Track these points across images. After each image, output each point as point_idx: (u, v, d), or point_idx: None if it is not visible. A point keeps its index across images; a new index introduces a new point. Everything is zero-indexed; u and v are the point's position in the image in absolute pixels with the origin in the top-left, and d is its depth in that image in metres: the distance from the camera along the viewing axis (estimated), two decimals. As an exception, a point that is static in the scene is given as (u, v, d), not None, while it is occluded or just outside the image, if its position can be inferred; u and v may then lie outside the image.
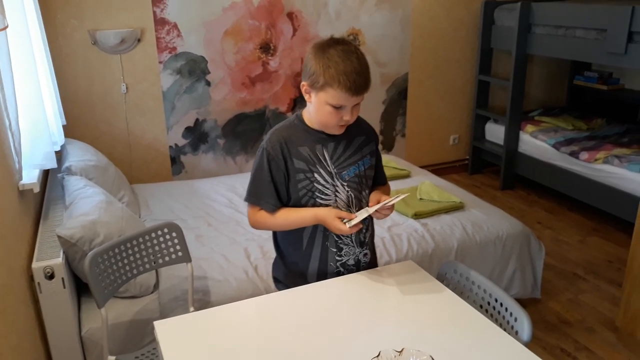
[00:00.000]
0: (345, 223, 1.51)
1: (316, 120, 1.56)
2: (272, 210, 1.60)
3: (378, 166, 1.73)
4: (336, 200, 1.60)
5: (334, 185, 1.59)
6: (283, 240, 1.70)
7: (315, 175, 1.58)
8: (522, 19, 3.95)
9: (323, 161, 1.58)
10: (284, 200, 1.61)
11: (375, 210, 1.55)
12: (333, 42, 1.47)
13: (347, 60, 1.43)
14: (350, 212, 1.61)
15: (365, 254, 1.71)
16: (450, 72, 4.52)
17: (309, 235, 1.63)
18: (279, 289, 1.73)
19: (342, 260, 1.66)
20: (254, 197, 1.62)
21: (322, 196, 1.59)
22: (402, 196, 1.56)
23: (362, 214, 1.54)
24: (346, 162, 1.61)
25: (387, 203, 1.54)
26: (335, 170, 1.59)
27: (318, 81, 1.46)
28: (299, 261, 1.67)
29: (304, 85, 1.52)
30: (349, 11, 3.98)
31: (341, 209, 1.59)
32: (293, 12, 3.81)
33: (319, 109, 1.51)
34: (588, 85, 4.65)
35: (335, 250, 1.64)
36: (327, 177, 1.59)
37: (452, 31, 4.40)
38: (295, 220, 1.59)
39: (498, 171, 4.60)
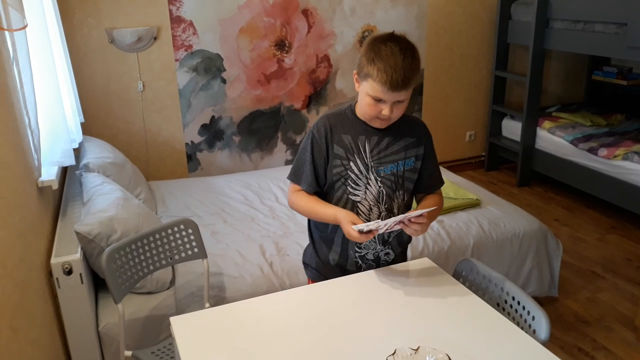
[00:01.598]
0: (359, 231, 1.47)
1: (361, 110, 1.59)
2: (309, 190, 1.65)
3: (427, 172, 1.70)
4: (366, 193, 1.62)
5: (367, 178, 1.62)
6: (313, 223, 1.75)
7: (351, 164, 1.61)
8: (540, 13, 3.89)
9: (362, 152, 1.61)
10: (322, 182, 1.65)
11: (403, 223, 1.49)
12: (387, 38, 1.50)
13: (391, 56, 1.45)
14: (379, 207, 1.63)
15: (387, 253, 1.71)
16: (466, 68, 4.48)
17: None
18: (307, 273, 1.80)
19: (361, 253, 1.68)
20: (294, 176, 1.68)
21: (354, 185, 1.62)
22: (424, 211, 1.49)
23: (378, 225, 1.46)
24: (385, 159, 1.62)
25: (407, 216, 1.48)
26: (372, 163, 1.61)
27: (362, 71, 1.51)
28: (324, 245, 1.71)
29: (355, 73, 1.57)
30: (364, 7, 3.96)
31: (370, 202, 1.62)
32: (308, 9, 3.81)
33: (362, 99, 1.56)
34: (607, 80, 4.57)
35: (354, 243, 1.66)
36: (362, 168, 1.61)
37: (468, 27, 4.36)
38: (319, 212, 1.63)
39: (515, 168, 4.55)
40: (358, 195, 1.62)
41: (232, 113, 3.83)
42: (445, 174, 3.38)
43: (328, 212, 1.60)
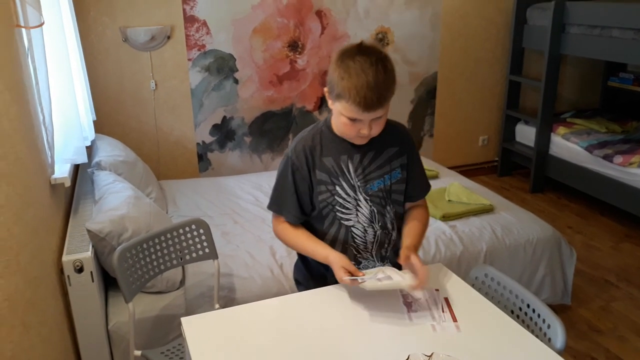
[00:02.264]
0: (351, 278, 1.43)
1: (337, 128, 1.51)
2: (294, 221, 1.58)
3: (413, 179, 1.62)
4: (357, 215, 1.56)
5: (356, 199, 1.55)
6: None
7: (337, 188, 1.53)
8: (556, 18, 3.85)
9: (346, 173, 1.53)
10: (308, 210, 1.58)
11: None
12: (356, 51, 1.38)
13: (361, 74, 1.35)
14: (373, 227, 1.57)
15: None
16: (481, 72, 4.45)
17: (328, 243, 1.59)
18: (300, 291, 1.71)
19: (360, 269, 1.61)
20: (276, 206, 1.60)
21: (343, 210, 1.55)
22: (405, 281, 1.43)
23: (371, 280, 1.42)
24: (371, 175, 1.54)
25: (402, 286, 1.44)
26: (358, 183, 1.54)
27: (333, 90, 1.41)
28: (319, 265, 1.62)
29: (326, 91, 1.47)
30: (378, 9, 3.95)
31: (363, 224, 1.56)
32: (322, 10, 3.80)
33: (337, 118, 1.47)
34: (623, 86, 4.52)
35: (353, 262, 1.59)
36: (349, 191, 1.54)
37: (482, 30, 4.33)
38: (309, 251, 1.57)
39: (528, 174, 4.50)
40: (350, 220, 1.56)
41: (243, 113, 3.82)
42: (458, 178, 3.35)
43: (320, 252, 1.53)
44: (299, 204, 1.55)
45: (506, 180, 4.65)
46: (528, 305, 1.52)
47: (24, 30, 1.88)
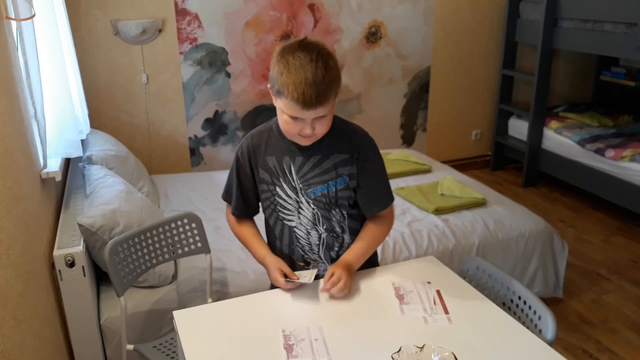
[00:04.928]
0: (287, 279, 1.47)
1: (281, 127, 1.45)
2: (237, 215, 1.62)
3: (365, 191, 1.53)
4: (299, 217, 1.54)
5: (297, 202, 1.52)
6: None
7: (277, 189, 1.52)
8: (549, 12, 3.86)
9: (288, 175, 1.50)
10: (254, 205, 1.61)
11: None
12: (296, 47, 1.34)
13: (300, 70, 1.30)
14: (317, 230, 1.55)
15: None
16: (474, 66, 4.45)
17: (276, 241, 1.62)
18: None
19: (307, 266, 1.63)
20: (226, 194, 1.65)
21: (284, 210, 1.54)
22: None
23: (305, 278, 1.47)
24: (313, 180, 1.49)
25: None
26: (300, 185, 1.50)
27: (274, 87, 1.37)
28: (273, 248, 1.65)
29: (268, 87, 1.42)
30: (371, 3, 3.94)
31: (306, 227, 1.56)
32: (314, 4, 3.78)
33: (279, 116, 1.42)
34: (615, 81, 4.54)
35: (302, 264, 1.62)
36: (290, 192, 1.51)
37: (476, 24, 4.33)
38: (250, 249, 1.61)
39: (520, 168, 4.52)
40: (292, 220, 1.55)
41: (236, 108, 3.81)
42: (451, 172, 3.36)
43: (258, 252, 1.57)
44: (243, 199, 1.58)
45: (499, 174, 4.66)
46: (519, 297, 1.53)
47: (13, 22, 1.86)
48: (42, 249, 1.87)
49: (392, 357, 1.21)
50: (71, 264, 1.91)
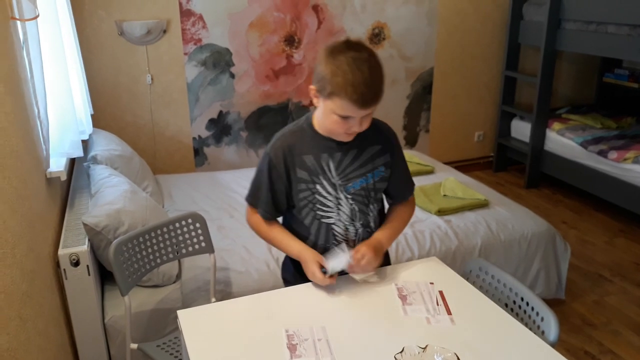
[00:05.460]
0: (324, 273, 1.48)
1: (323, 126, 1.49)
2: (267, 218, 1.59)
3: (396, 178, 1.61)
4: (339, 213, 1.56)
5: (337, 198, 1.54)
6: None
7: (317, 186, 1.52)
8: (552, 13, 3.86)
9: (327, 172, 1.52)
10: (283, 208, 1.58)
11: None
12: (345, 47, 1.36)
13: (356, 70, 1.32)
14: (354, 225, 1.57)
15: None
16: (477, 68, 4.45)
17: (310, 241, 1.60)
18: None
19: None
20: (252, 198, 1.60)
21: (324, 208, 1.55)
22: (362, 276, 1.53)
23: (339, 263, 1.49)
24: (353, 174, 1.53)
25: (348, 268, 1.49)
26: (339, 182, 1.53)
27: (325, 88, 1.37)
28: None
29: (312, 89, 1.44)
30: (374, 4, 3.94)
31: (344, 223, 1.57)
32: (318, 5, 3.79)
33: (326, 117, 1.43)
34: (618, 82, 4.54)
35: None
36: (329, 189, 1.53)
37: (479, 26, 4.33)
38: (283, 245, 1.59)
39: (523, 169, 4.52)
40: (331, 217, 1.56)
41: (240, 108, 3.82)
42: (453, 173, 3.36)
43: (294, 247, 1.55)
44: (273, 201, 1.56)
45: (501, 175, 4.66)
46: (522, 299, 1.53)
47: (18, 22, 1.87)
48: (47, 248, 1.88)
49: (394, 357, 1.22)
50: (76, 263, 1.92)
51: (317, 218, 1.56)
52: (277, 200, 1.56)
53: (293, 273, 1.68)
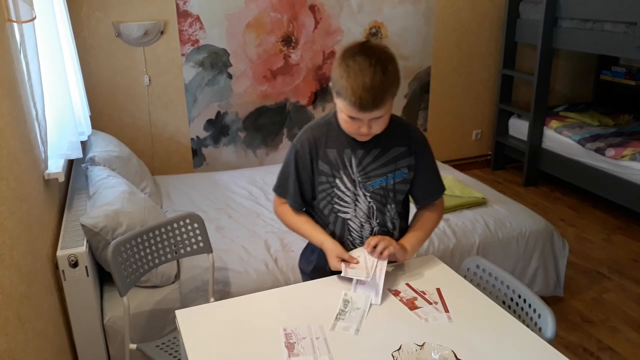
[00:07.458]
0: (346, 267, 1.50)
1: (340, 123, 1.52)
2: (295, 208, 1.62)
3: (421, 181, 1.62)
4: (355, 210, 1.57)
5: (355, 194, 1.56)
6: None
7: (337, 180, 1.55)
8: (549, 12, 3.87)
9: (348, 167, 1.54)
10: (309, 197, 1.61)
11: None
12: (357, 51, 1.39)
13: (359, 74, 1.35)
14: (370, 223, 1.59)
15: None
16: (474, 66, 4.46)
17: (330, 233, 1.62)
18: (303, 280, 1.75)
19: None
20: (280, 189, 1.65)
21: (341, 202, 1.57)
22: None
23: (357, 274, 1.49)
24: (373, 173, 1.55)
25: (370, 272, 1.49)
26: (359, 178, 1.55)
27: (335, 87, 1.44)
28: (322, 256, 1.64)
29: (331, 85, 1.49)
30: (371, 4, 3.95)
31: (360, 220, 1.59)
32: (315, 5, 3.80)
33: (339, 114, 1.49)
34: (615, 80, 4.55)
35: None
36: (349, 185, 1.55)
37: (476, 25, 4.34)
38: (307, 234, 1.62)
39: (521, 167, 4.53)
40: (348, 213, 1.58)
41: (237, 109, 3.82)
42: (452, 172, 3.36)
43: (317, 237, 1.58)
44: (300, 191, 1.59)
45: (499, 173, 4.67)
46: (519, 296, 1.54)
47: (15, 24, 1.87)
48: (45, 249, 1.88)
49: (392, 355, 1.22)
50: (74, 264, 1.92)
51: (334, 212, 1.59)
52: (303, 190, 1.59)
53: (309, 264, 1.71)
